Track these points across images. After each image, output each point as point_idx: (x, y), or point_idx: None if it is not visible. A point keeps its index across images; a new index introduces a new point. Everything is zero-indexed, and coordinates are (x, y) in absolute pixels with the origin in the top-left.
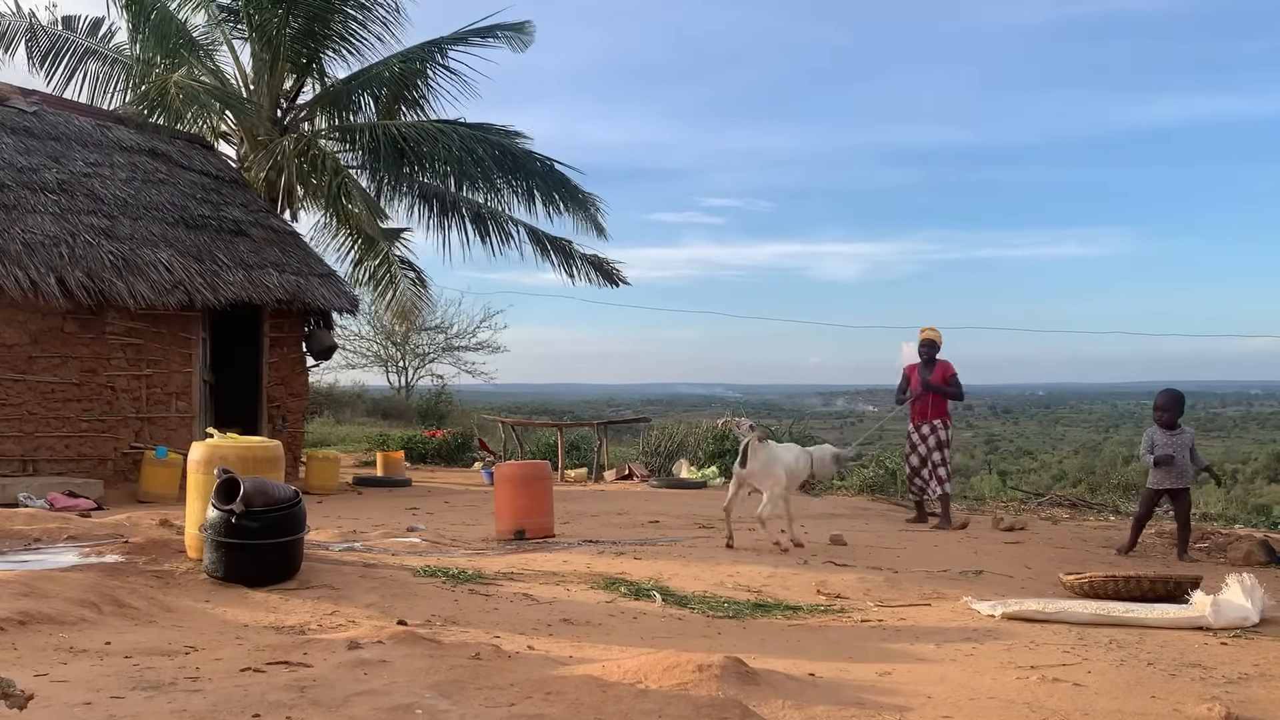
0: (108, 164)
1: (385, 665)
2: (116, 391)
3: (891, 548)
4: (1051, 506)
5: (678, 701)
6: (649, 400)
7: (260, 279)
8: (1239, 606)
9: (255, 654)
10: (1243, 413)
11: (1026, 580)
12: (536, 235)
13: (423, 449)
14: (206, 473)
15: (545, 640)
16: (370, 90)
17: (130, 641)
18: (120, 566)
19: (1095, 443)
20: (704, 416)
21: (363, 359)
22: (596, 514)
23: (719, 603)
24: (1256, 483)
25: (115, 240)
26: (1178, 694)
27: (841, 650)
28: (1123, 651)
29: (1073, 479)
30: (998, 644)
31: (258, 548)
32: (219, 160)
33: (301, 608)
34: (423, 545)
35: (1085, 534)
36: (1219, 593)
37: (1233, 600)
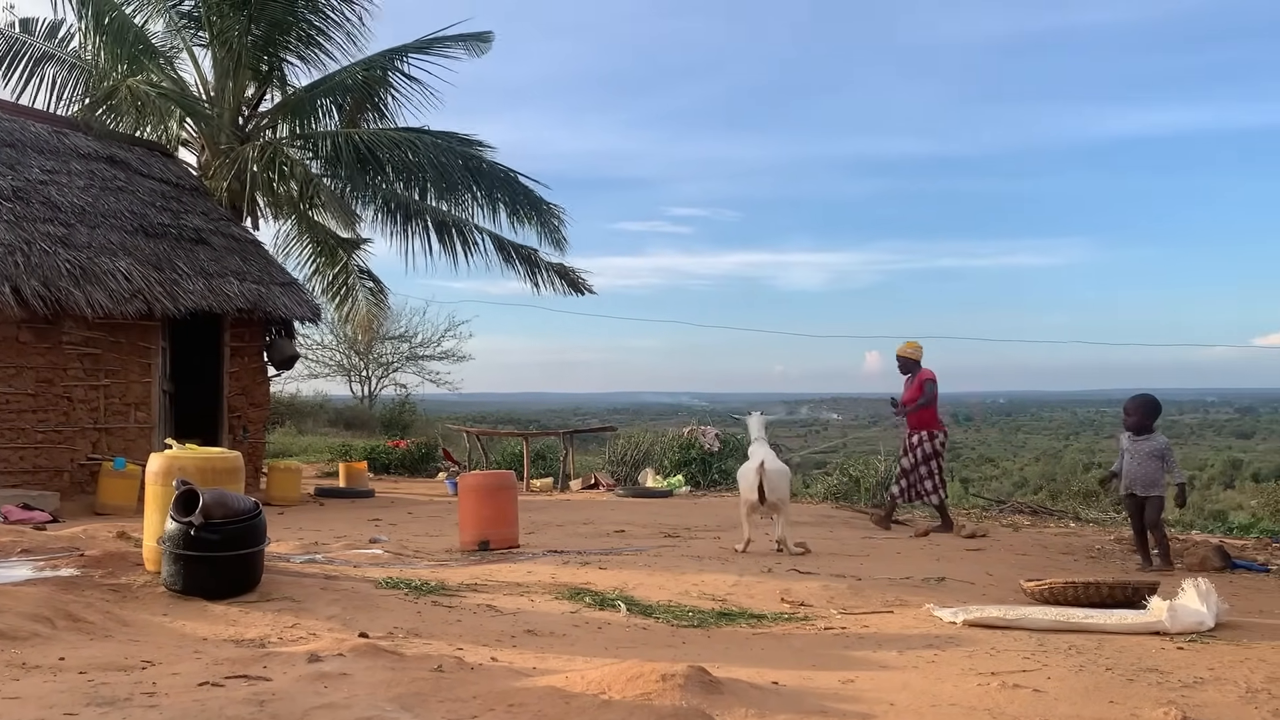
0: (65, 171)
1: (346, 678)
2: (73, 402)
3: (855, 555)
4: (1013, 513)
5: (641, 711)
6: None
7: (221, 288)
8: (1195, 611)
9: (214, 668)
10: (1200, 420)
11: (988, 587)
12: (501, 244)
13: (386, 459)
14: (165, 484)
15: (509, 651)
16: (333, 98)
17: (85, 657)
18: (76, 580)
19: (1056, 450)
20: (670, 425)
21: (325, 368)
22: (562, 524)
23: (683, 612)
24: (1213, 489)
25: (72, 248)
26: (1135, 698)
27: (805, 658)
28: (1082, 657)
29: (1034, 486)
30: (959, 651)
31: (217, 560)
32: (179, 168)
33: (262, 620)
34: (385, 557)
35: (1046, 540)
36: (1175, 598)
37: (1189, 605)
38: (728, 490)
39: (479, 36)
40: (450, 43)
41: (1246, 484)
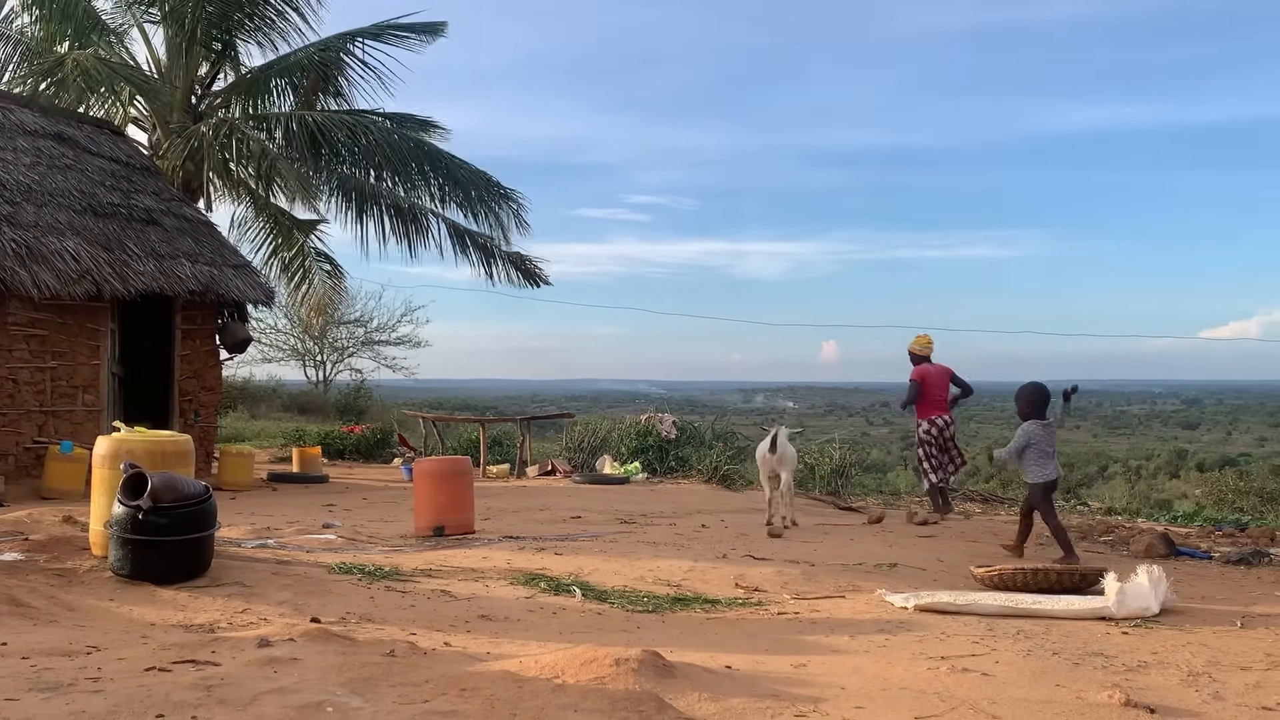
0: (10, 148)
1: (296, 663)
2: (19, 384)
3: (809, 541)
4: (964, 501)
5: (594, 696)
6: (573, 396)
7: (172, 269)
8: (1143, 596)
9: (161, 653)
10: (1147, 411)
11: (939, 573)
12: (457, 231)
13: (341, 444)
14: (112, 467)
15: (463, 637)
16: (288, 79)
17: (28, 642)
18: (19, 565)
19: (1006, 439)
20: (628, 413)
21: (279, 353)
22: (518, 510)
23: (638, 597)
24: (1159, 478)
25: (18, 227)
26: (1081, 682)
27: (758, 643)
28: (1030, 642)
29: (985, 475)
30: (910, 635)
31: (166, 544)
32: (129, 146)
33: (211, 606)
34: (339, 542)
35: (997, 528)
36: (1127, 581)
37: (1139, 589)
38: (684, 477)
39: (432, 28)
40: (405, 30)
41: (1191, 474)
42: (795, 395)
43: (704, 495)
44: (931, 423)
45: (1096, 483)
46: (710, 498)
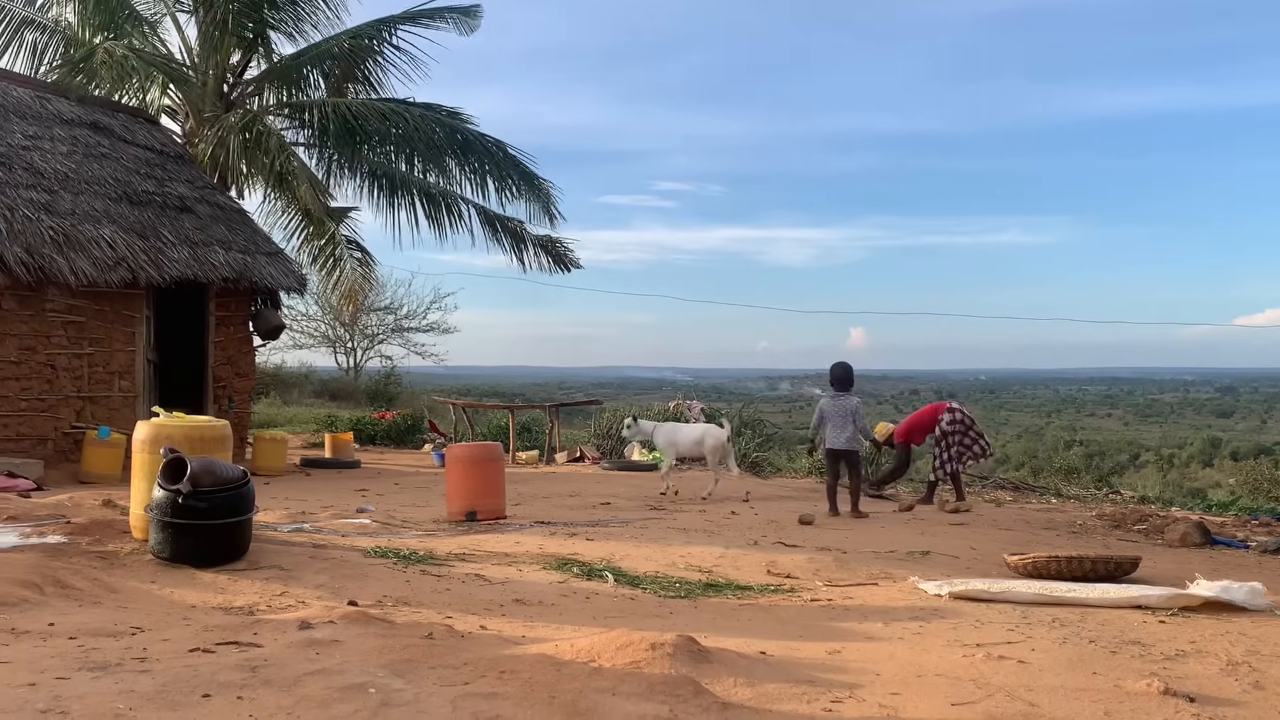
0: (48, 137)
1: (337, 645)
2: (57, 370)
3: (840, 529)
4: (995, 489)
5: (631, 679)
6: (600, 383)
7: (206, 256)
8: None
9: (204, 634)
10: (1179, 399)
11: (972, 561)
12: (488, 216)
13: (372, 430)
14: (152, 452)
15: (498, 620)
16: (320, 67)
17: (75, 622)
18: (63, 547)
19: (1038, 427)
20: (655, 399)
21: (310, 339)
22: (548, 496)
23: (670, 583)
24: (1192, 467)
25: (55, 215)
26: (1118, 670)
27: (791, 629)
28: (1065, 630)
29: (1016, 463)
30: (944, 623)
31: (205, 528)
32: (163, 135)
33: (250, 588)
34: (373, 526)
35: (1029, 516)
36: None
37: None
38: None
39: (467, 11)
40: (439, 16)
41: (1225, 462)
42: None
43: (733, 482)
44: (951, 412)
45: (1128, 471)
46: (739, 484)
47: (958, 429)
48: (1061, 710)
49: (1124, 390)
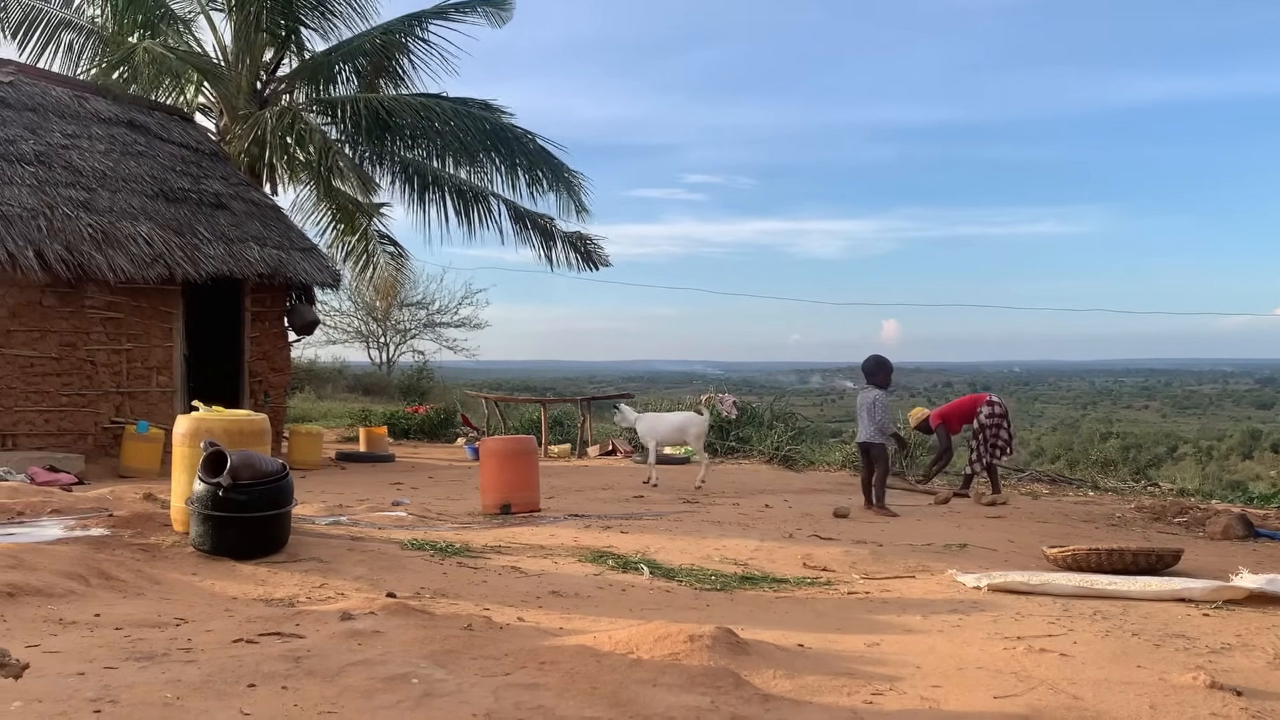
0: (86, 135)
1: (379, 636)
2: (96, 366)
3: (875, 522)
4: (1031, 482)
5: (671, 671)
6: (630, 377)
7: (241, 253)
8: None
9: (247, 625)
10: (1218, 390)
11: (1010, 554)
12: (518, 213)
13: (405, 425)
14: (192, 446)
15: (535, 612)
16: (351, 63)
17: (120, 614)
18: (106, 540)
19: (1073, 419)
20: (686, 393)
21: (344, 335)
22: (581, 489)
23: (706, 575)
24: (1231, 459)
25: (94, 213)
26: (1163, 664)
27: (829, 622)
28: (1107, 623)
29: (1051, 455)
30: (984, 615)
31: (245, 521)
32: (199, 132)
33: (290, 580)
34: (409, 519)
35: (1066, 508)
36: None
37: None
38: (745, 457)
39: (498, 3)
40: (470, 8)
41: (1265, 454)
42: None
43: (766, 475)
44: (991, 405)
45: (1166, 463)
46: (772, 478)
47: (995, 422)
48: (1106, 703)
49: (1161, 381)
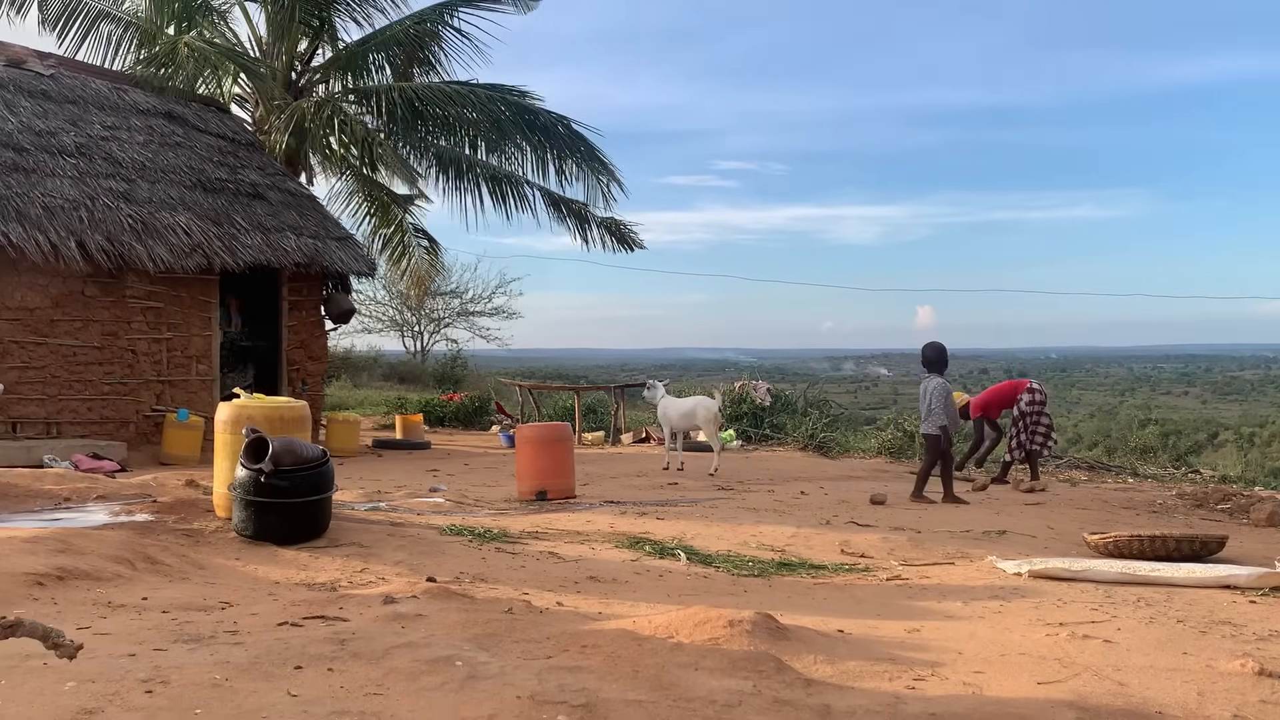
0: (125, 127)
1: (421, 619)
2: (137, 355)
3: (913, 509)
4: (1069, 469)
5: (712, 655)
6: (662, 365)
7: (278, 242)
8: None
9: (291, 609)
10: (1260, 376)
11: (1050, 540)
12: (552, 198)
13: (440, 412)
14: (234, 432)
15: (574, 597)
16: (384, 52)
17: (166, 597)
18: (151, 525)
19: (1111, 406)
20: (719, 380)
21: (379, 324)
22: (615, 476)
23: (743, 561)
24: (1274, 446)
25: (134, 203)
26: (1209, 650)
27: (868, 608)
28: (1151, 609)
29: (1089, 442)
30: (1025, 602)
31: (287, 506)
32: (235, 123)
33: (331, 565)
34: (446, 505)
35: (1105, 495)
36: None
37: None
38: (779, 445)
39: None
40: None
41: None
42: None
43: (800, 462)
44: (1031, 392)
45: (1206, 450)
46: (807, 465)
47: (1035, 410)
48: (1152, 690)
49: (1201, 367)
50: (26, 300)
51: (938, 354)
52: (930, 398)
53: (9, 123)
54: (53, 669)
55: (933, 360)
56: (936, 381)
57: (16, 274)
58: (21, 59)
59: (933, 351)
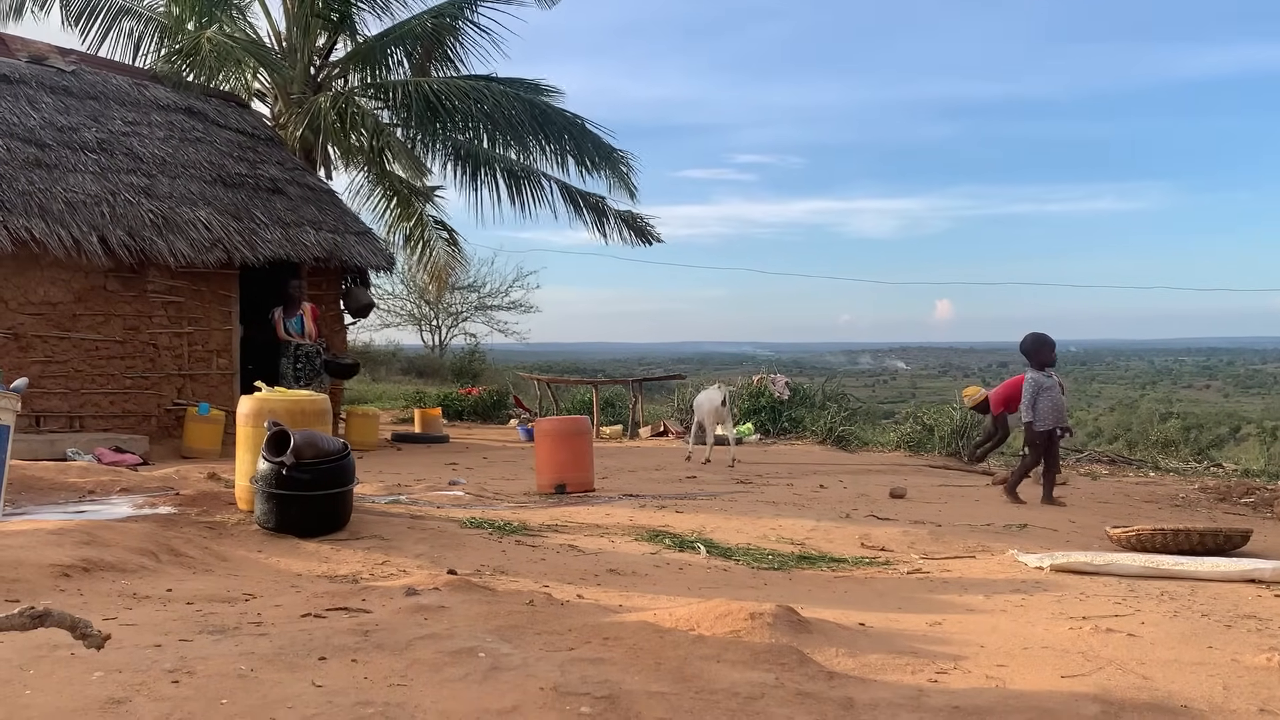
0: (146, 123)
1: (444, 611)
2: (159, 349)
3: (933, 502)
4: (1090, 463)
5: (735, 648)
6: (680, 359)
7: (298, 237)
8: None
9: (314, 600)
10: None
11: (1071, 534)
12: (569, 192)
13: (458, 406)
14: (256, 426)
15: (594, 589)
16: (403, 46)
17: (191, 589)
18: (174, 518)
19: (1131, 399)
20: (737, 374)
21: (397, 318)
22: (634, 470)
23: (763, 555)
24: None
25: (155, 199)
26: (1235, 645)
27: (889, 601)
28: (1175, 603)
29: (1109, 436)
30: (1047, 595)
31: (308, 499)
32: (254, 118)
33: (353, 558)
34: (466, 499)
35: (1127, 489)
36: None
37: None
38: (797, 438)
39: None
40: None
41: None
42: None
43: (819, 456)
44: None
45: (1228, 444)
46: (825, 458)
47: None
48: (1177, 684)
49: (1223, 360)
50: (49, 295)
51: (1030, 344)
52: (1026, 393)
53: (31, 119)
54: (80, 659)
55: (1025, 351)
56: (1031, 374)
57: (40, 269)
58: (44, 55)
59: (1026, 341)
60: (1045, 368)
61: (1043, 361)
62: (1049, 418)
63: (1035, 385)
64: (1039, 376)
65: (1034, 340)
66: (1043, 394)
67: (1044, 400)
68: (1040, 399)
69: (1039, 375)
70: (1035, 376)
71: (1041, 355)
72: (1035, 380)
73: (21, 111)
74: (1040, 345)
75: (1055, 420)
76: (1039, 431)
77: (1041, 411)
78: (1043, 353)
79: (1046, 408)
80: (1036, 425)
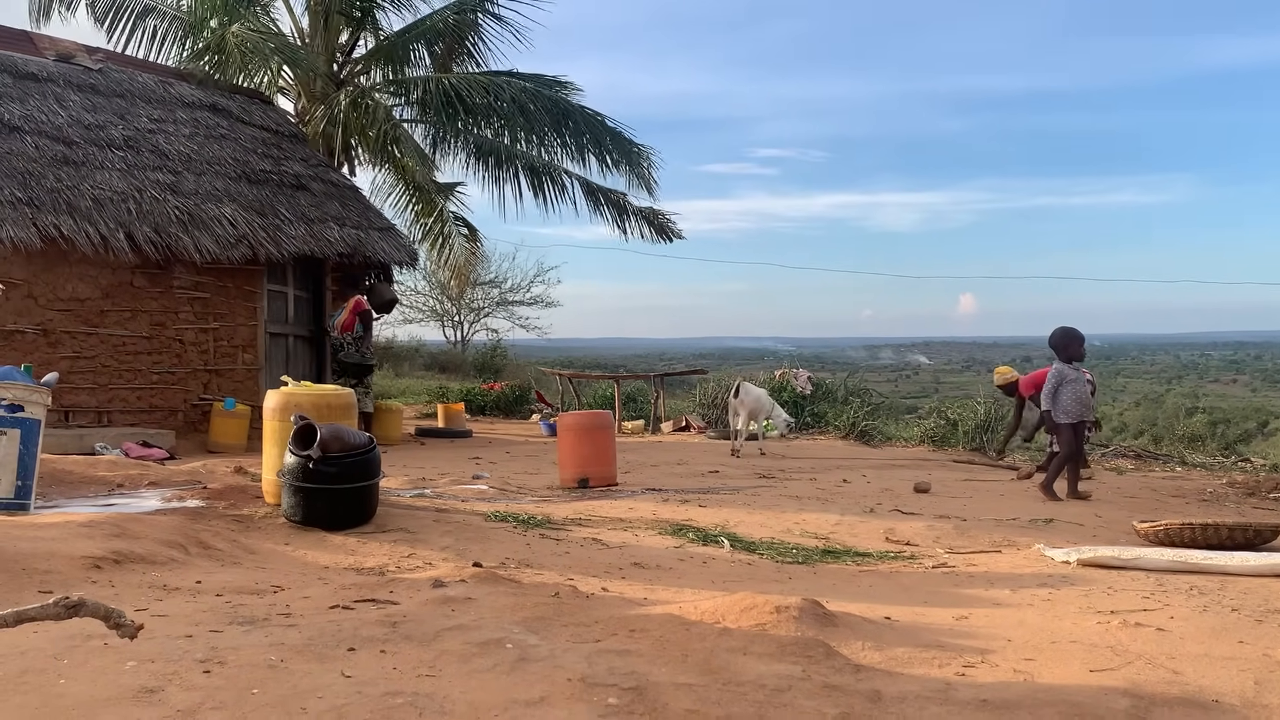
0: (171, 120)
1: (471, 603)
2: (185, 344)
3: (958, 496)
4: (1115, 457)
5: (761, 640)
6: (701, 354)
7: (322, 233)
8: None
9: (342, 592)
10: None
11: (1098, 528)
12: (590, 188)
13: (481, 401)
14: (283, 420)
15: (618, 583)
16: (424, 42)
17: (220, 581)
18: (202, 511)
19: (1157, 394)
20: (759, 369)
21: (419, 314)
22: (656, 464)
23: (787, 549)
24: None
25: (180, 195)
26: (1266, 639)
27: (915, 595)
28: (1205, 598)
29: (1134, 431)
30: (1074, 590)
31: (335, 492)
32: (278, 115)
33: (379, 550)
34: (490, 492)
35: (1154, 484)
36: None
37: None
38: (820, 433)
39: None
40: None
41: None
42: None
43: (842, 450)
44: None
45: (1256, 439)
46: (848, 453)
47: None
48: (1208, 678)
49: (1250, 355)
50: (77, 291)
51: (1058, 338)
52: (1051, 385)
53: (59, 116)
54: (113, 649)
55: (1053, 345)
56: (1058, 368)
57: (68, 265)
58: (71, 54)
59: (1054, 335)
60: (1073, 361)
61: (1071, 355)
62: (1071, 410)
63: (1059, 376)
64: (1064, 368)
65: (1063, 334)
66: (1065, 385)
67: (1066, 392)
68: (1062, 390)
69: (1064, 367)
70: (1060, 368)
71: (1070, 349)
72: (1059, 371)
73: (50, 109)
74: (1069, 339)
75: (1079, 413)
76: (1064, 425)
77: (1063, 403)
78: (1071, 347)
79: (1069, 399)
80: (1056, 416)
